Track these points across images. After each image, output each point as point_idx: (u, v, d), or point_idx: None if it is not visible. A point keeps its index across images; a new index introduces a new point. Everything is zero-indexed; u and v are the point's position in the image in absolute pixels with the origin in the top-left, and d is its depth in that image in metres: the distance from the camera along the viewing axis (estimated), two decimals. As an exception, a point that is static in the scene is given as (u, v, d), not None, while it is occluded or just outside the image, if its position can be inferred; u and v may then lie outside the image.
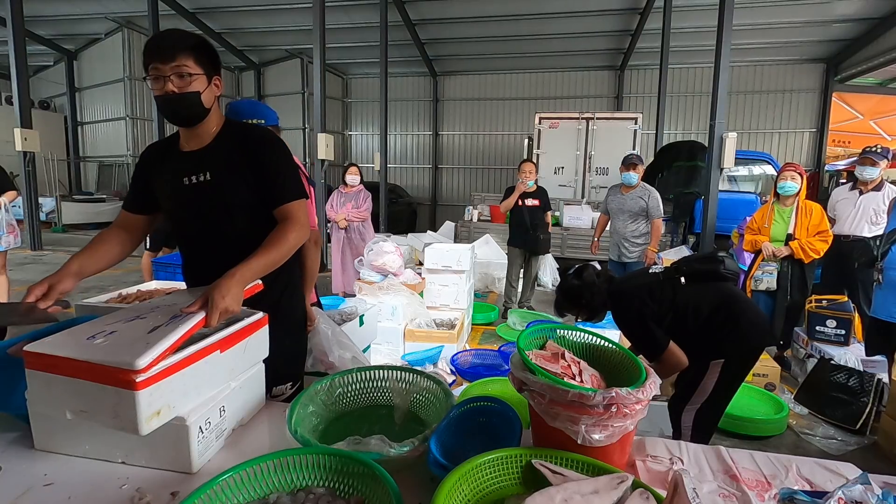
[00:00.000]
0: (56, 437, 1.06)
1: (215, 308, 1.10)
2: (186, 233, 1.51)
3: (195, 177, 1.40)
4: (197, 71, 1.32)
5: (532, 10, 10.51)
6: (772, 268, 3.74)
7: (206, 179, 1.39)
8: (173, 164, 1.43)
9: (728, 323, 1.97)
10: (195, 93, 1.33)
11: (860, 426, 2.88)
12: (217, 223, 1.43)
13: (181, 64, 1.30)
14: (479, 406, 1.19)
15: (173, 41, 1.31)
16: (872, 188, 3.97)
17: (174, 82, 1.30)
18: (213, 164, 1.40)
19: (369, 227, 5.62)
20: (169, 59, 1.29)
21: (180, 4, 11.13)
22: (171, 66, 1.29)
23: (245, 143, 1.42)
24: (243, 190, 1.41)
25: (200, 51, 1.34)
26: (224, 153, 1.41)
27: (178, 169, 1.41)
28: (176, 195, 1.42)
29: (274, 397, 1.55)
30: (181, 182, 1.40)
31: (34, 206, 8.88)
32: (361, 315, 2.55)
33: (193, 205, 1.42)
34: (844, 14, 9.92)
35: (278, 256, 1.32)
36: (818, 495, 0.83)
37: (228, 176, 1.40)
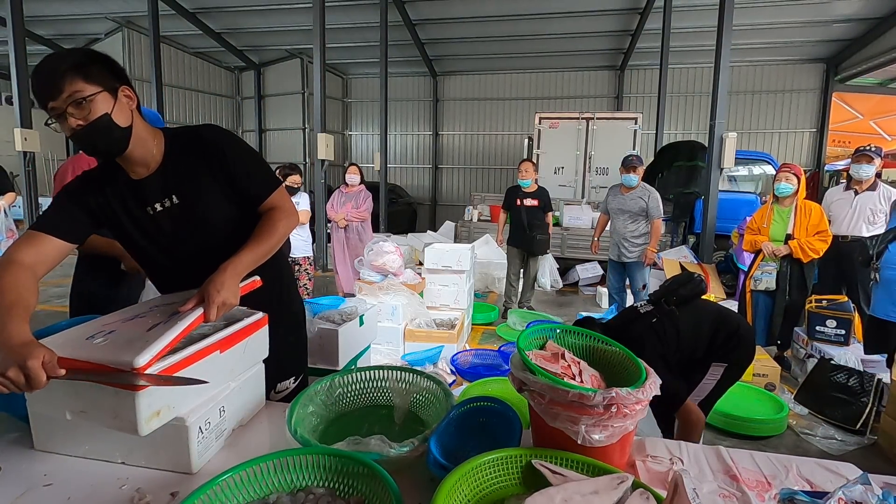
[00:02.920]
0: (56, 437, 1.06)
1: (212, 302, 1.08)
2: (161, 261, 1.37)
3: (159, 204, 1.28)
4: (93, 90, 1.13)
5: (532, 10, 10.50)
6: (771, 268, 3.75)
7: (174, 203, 1.28)
8: (126, 194, 1.28)
9: (731, 337, 2.06)
10: (103, 115, 1.14)
11: (860, 426, 2.88)
12: (199, 242, 1.34)
13: (72, 91, 1.10)
14: (479, 406, 1.19)
15: (51, 70, 1.10)
16: (867, 188, 3.98)
17: (75, 114, 1.12)
18: (176, 186, 1.28)
19: (368, 227, 5.61)
20: (57, 92, 1.10)
21: (180, 4, 11.13)
22: (63, 99, 1.10)
23: (202, 153, 1.30)
24: (217, 200, 1.32)
25: (88, 66, 1.13)
26: (183, 169, 1.29)
27: (136, 199, 1.28)
28: (142, 227, 1.29)
29: (278, 392, 1.55)
30: (145, 212, 1.28)
31: (34, 206, 8.87)
32: (361, 315, 2.54)
33: (167, 232, 1.31)
34: (844, 14, 9.91)
35: (269, 247, 1.28)
36: (818, 495, 0.83)
37: (197, 191, 1.30)
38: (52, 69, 1.11)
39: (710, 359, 2.06)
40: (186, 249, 1.34)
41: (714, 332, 2.07)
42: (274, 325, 1.33)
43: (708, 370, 2.06)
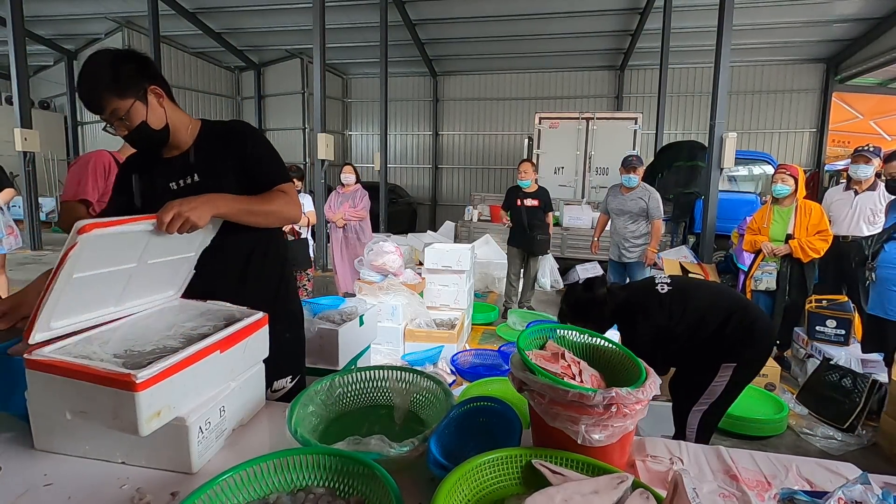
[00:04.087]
0: (56, 437, 1.06)
1: (170, 208, 1.11)
2: None
3: (182, 181, 1.40)
4: (126, 104, 1.27)
5: (532, 10, 10.51)
6: (771, 267, 3.76)
7: (193, 182, 1.39)
8: (157, 170, 1.42)
9: (743, 328, 1.99)
10: (140, 124, 1.31)
11: (848, 425, 2.89)
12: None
13: (112, 109, 1.27)
14: (479, 406, 1.19)
15: (90, 89, 1.26)
16: (867, 188, 3.98)
17: (119, 126, 1.30)
18: (199, 165, 1.40)
19: (367, 226, 5.61)
20: (100, 110, 1.27)
21: (180, 4, 11.13)
22: (107, 115, 1.28)
23: (227, 139, 1.43)
24: (233, 188, 1.38)
25: (119, 81, 1.26)
26: (209, 153, 1.42)
27: (164, 175, 1.41)
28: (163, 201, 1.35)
29: (275, 391, 1.56)
30: (168, 187, 1.40)
31: (34, 206, 8.88)
32: (361, 315, 2.54)
33: None
34: (844, 14, 9.92)
35: (258, 208, 1.34)
36: (818, 495, 0.83)
37: (217, 175, 1.40)
38: (91, 88, 1.25)
39: (720, 357, 2.00)
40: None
41: (728, 317, 1.99)
42: (270, 322, 1.34)
43: (718, 371, 2.00)
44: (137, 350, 1.06)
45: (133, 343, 1.09)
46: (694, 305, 2.02)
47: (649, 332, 2.01)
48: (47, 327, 1.01)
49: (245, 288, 1.48)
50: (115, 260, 1.08)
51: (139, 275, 1.17)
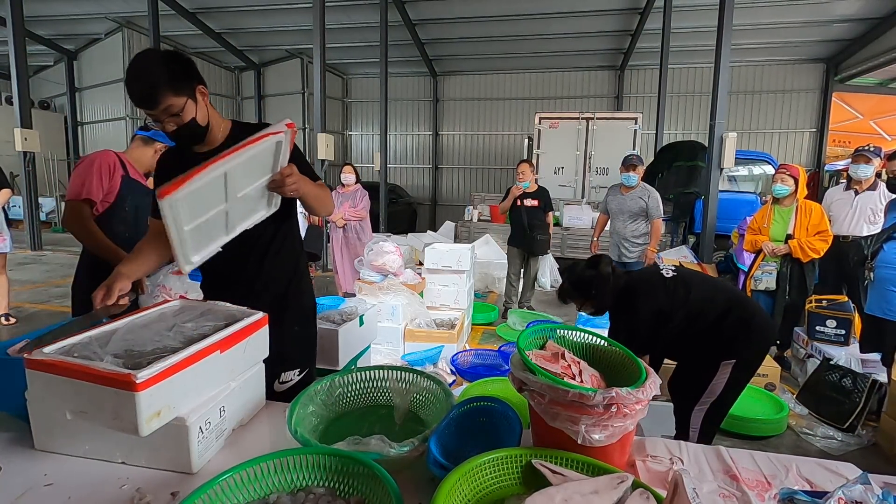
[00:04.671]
0: (56, 437, 1.06)
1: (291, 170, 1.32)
2: None
3: None
4: (181, 101, 1.33)
5: (532, 10, 10.51)
6: (771, 267, 3.76)
7: None
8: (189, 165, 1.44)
9: (740, 323, 1.99)
10: (191, 121, 1.37)
11: (848, 425, 2.89)
12: None
13: (166, 105, 1.31)
14: (479, 406, 1.19)
15: (148, 86, 1.29)
16: (868, 187, 3.98)
17: (169, 121, 1.34)
18: None
19: (367, 226, 5.61)
20: (154, 104, 1.30)
21: (180, 4, 11.13)
22: (159, 111, 1.32)
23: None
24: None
25: (175, 78, 1.32)
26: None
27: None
28: None
29: (282, 383, 1.58)
30: None
31: (34, 206, 8.88)
32: (361, 315, 2.54)
33: None
34: (844, 14, 9.92)
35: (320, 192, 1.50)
36: (818, 495, 0.83)
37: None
38: (149, 85, 1.29)
39: (719, 354, 2.00)
40: None
41: (727, 310, 1.99)
42: (280, 314, 1.46)
43: (717, 369, 2.00)
44: (137, 350, 1.06)
45: (133, 343, 1.09)
46: (696, 294, 2.02)
47: (649, 314, 2.00)
48: (189, 261, 1.28)
49: (260, 276, 1.55)
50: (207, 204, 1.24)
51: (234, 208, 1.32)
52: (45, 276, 6.91)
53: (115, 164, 2.07)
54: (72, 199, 2.01)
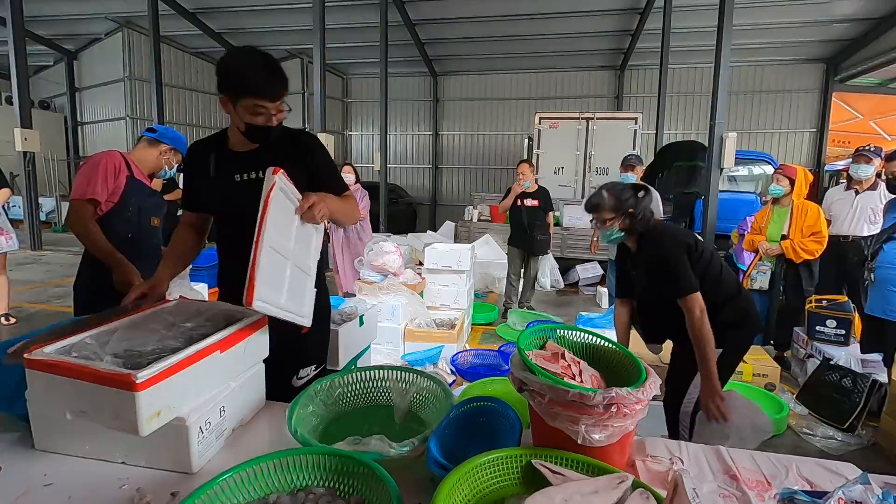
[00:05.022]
0: (56, 437, 1.06)
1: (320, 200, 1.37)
2: (232, 227, 1.56)
3: (247, 174, 1.50)
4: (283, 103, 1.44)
5: (532, 10, 10.51)
6: (766, 267, 3.79)
7: (257, 177, 1.48)
8: (225, 163, 1.51)
9: (738, 312, 2.00)
10: (280, 123, 1.47)
11: (848, 425, 2.89)
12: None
13: (282, 101, 1.42)
14: (479, 406, 1.19)
15: (281, 80, 1.41)
16: (868, 187, 3.99)
17: (275, 116, 1.42)
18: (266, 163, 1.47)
19: (367, 226, 5.61)
20: (277, 98, 1.40)
21: (180, 4, 11.13)
22: (276, 105, 1.41)
23: (297, 147, 1.56)
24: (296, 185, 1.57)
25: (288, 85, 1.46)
26: (275, 155, 1.49)
27: (231, 167, 1.51)
28: (227, 192, 1.50)
29: (300, 378, 1.64)
30: (232, 179, 1.50)
31: (34, 206, 8.88)
32: (361, 315, 2.54)
33: (244, 201, 1.46)
34: (844, 14, 9.92)
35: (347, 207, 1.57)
36: (818, 495, 0.83)
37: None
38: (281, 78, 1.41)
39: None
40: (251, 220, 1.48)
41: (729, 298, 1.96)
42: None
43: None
44: (137, 350, 1.06)
45: (133, 343, 1.09)
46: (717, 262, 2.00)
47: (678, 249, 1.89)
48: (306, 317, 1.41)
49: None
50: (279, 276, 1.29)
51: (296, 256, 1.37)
52: (45, 276, 6.91)
53: (120, 164, 2.08)
54: (76, 199, 2.02)
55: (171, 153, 2.31)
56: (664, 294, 1.91)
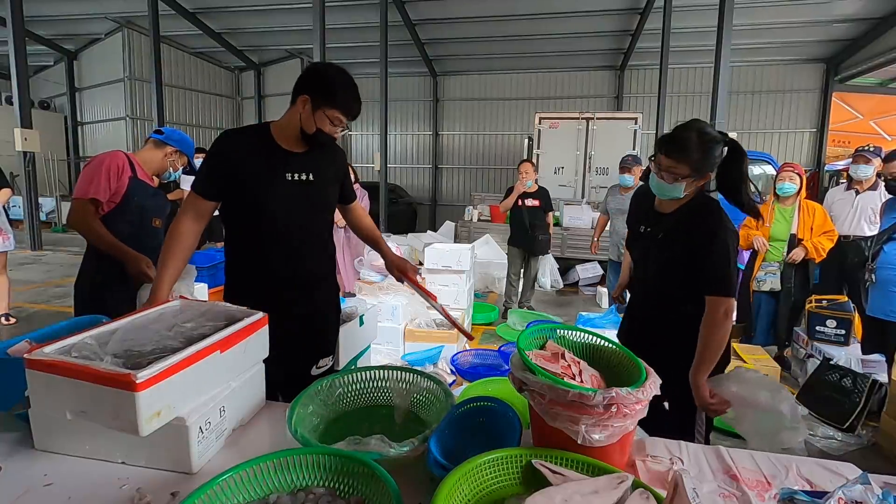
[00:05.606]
0: (56, 437, 1.06)
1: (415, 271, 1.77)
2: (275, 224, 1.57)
3: (298, 175, 1.56)
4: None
5: (532, 10, 10.51)
6: (774, 268, 3.75)
7: (307, 179, 1.57)
8: (274, 160, 1.55)
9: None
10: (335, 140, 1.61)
11: (848, 425, 2.89)
12: (309, 217, 1.62)
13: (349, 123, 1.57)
14: (479, 406, 1.19)
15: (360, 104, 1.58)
16: (868, 187, 3.98)
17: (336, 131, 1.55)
18: (315, 167, 1.60)
19: None
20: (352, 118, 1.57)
21: (180, 4, 11.14)
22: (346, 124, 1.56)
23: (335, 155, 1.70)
24: (334, 193, 1.70)
25: None
26: (321, 159, 1.62)
27: (283, 165, 1.55)
28: (274, 188, 1.54)
29: (319, 367, 1.72)
30: (283, 177, 1.54)
31: (34, 206, 8.88)
32: (361, 315, 2.54)
33: (293, 199, 1.56)
34: (844, 14, 9.92)
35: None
36: (818, 495, 0.83)
37: (324, 180, 1.63)
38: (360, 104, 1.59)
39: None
40: (297, 219, 1.59)
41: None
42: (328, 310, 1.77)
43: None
44: (137, 350, 1.06)
45: (133, 343, 1.09)
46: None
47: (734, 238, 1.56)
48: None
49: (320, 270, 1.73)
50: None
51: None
52: (45, 276, 6.91)
53: (123, 165, 2.10)
54: (78, 198, 2.04)
55: (176, 155, 2.31)
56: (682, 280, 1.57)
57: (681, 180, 1.51)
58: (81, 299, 2.14)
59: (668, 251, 1.60)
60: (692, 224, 1.55)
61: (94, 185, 2.02)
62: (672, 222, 1.61)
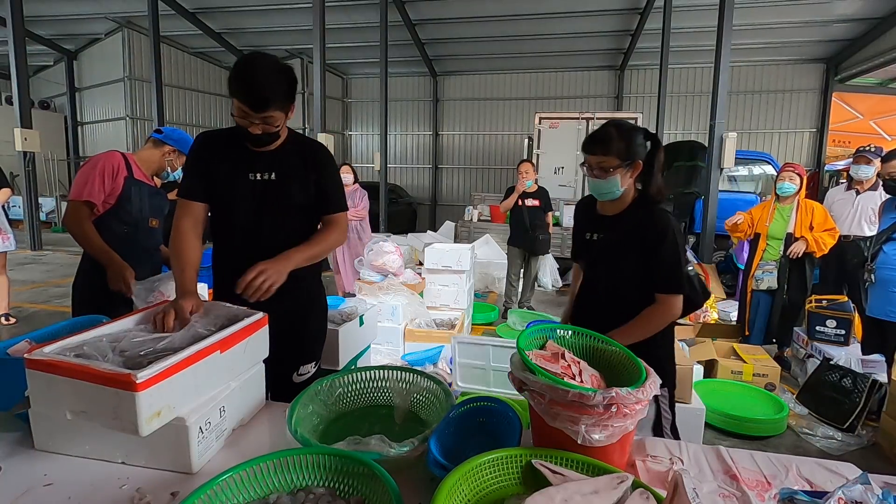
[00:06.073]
0: (56, 437, 1.06)
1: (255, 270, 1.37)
2: (237, 224, 1.58)
3: (261, 175, 1.54)
4: (281, 115, 1.44)
5: (532, 10, 10.51)
6: (771, 266, 3.76)
7: (270, 179, 1.54)
8: (239, 158, 1.53)
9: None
10: (275, 132, 1.48)
11: (848, 425, 2.89)
12: (271, 217, 1.57)
13: (270, 115, 1.40)
14: (479, 406, 1.19)
15: (268, 93, 1.38)
16: (869, 188, 3.98)
17: (257, 126, 1.42)
18: (277, 165, 1.55)
19: (367, 226, 5.61)
20: (259, 110, 1.38)
21: (180, 4, 11.13)
22: (259, 116, 1.39)
23: (308, 156, 1.59)
24: (299, 194, 1.58)
25: (287, 97, 1.43)
26: (290, 161, 1.56)
27: (245, 164, 1.53)
28: (239, 187, 1.53)
29: (300, 374, 1.67)
30: (246, 177, 1.53)
31: (34, 206, 8.88)
32: (361, 315, 2.54)
33: (254, 199, 1.54)
34: (844, 14, 9.92)
35: (319, 251, 1.58)
36: (818, 495, 0.83)
37: (290, 182, 1.55)
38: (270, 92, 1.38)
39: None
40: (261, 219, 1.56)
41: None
42: (305, 313, 1.64)
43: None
44: (137, 350, 1.06)
45: (133, 343, 1.09)
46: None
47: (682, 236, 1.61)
48: None
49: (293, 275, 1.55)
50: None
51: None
52: (45, 276, 6.91)
53: (119, 165, 2.09)
54: (73, 200, 2.04)
55: (174, 155, 2.31)
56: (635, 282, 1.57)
57: (612, 172, 1.52)
58: (79, 300, 2.14)
59: (619, 254, 1.60)
60: (641, 225, 1.56)
61: (88, 186, 2.02)
62: (620, 225, 1.61)
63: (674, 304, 1.54)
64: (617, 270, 1.62)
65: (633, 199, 1.61)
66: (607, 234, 1.64)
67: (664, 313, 1.54)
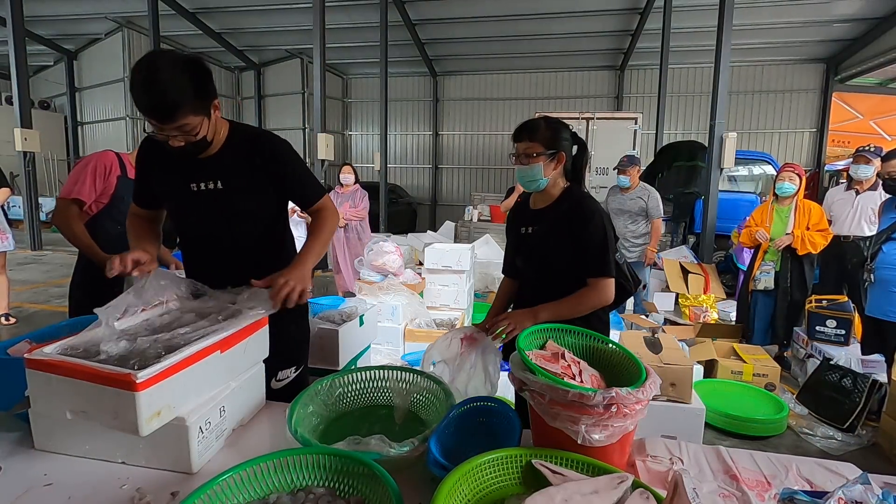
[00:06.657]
0: (56, 437, 1.06)
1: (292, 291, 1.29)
2: (189, 235, 1.54)
3: (204, 184, 1.39)
4: (198, 120, 1.24)
5: (532, 10, 10.51)
6: (769, 267, 3.76)
7: (215, 188, 1.40)
8: (180, 167, 1.40)
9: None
10: (201, 139, 1.29)
11: (848, 425, 2.89)
12: (222, 229, 1.47)
13: (182, 124, 1.21)
14: (479, 406, 1.19)
15: (170, 103, 1.17)
16: (868, 187, 3.99)
17: (179, 137, 1.24)
18: (222, 172, 1.40)
19: (367, 226, 5.62)
20: (170, 121, 1.19)
21: (180, 4, 11.13)
22: (171, 126, 1.20)
23: (257, 154, 1.42)
24: (250, 201, 1.44)
25: (198, 96, 1.22)
26: (233, 161, 1.41)
27: (186, 174, 1.40)
28: (182, 199, 1.43)
29: (279, 381, 1.60)
30: (188, 188, 1.40)
31: (34, 206, 8.88)
32: (361, 315, 2.54)
33: (200, 210, 1.44)
34: (844, 14, 9.92)
35: (324, 242, 1.48)
36: (818, 495, 0.83)
37: (237, 185, 1.41)
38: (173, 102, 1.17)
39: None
40: (209, 230, 1.47)
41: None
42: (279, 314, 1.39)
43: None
44: (138, 350, 1.06)
45: (133, 343, 1.08)
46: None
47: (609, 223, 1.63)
48: None
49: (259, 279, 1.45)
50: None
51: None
52: (44, 276, 6.91)
53: (111, 164, 2.09)
54: (62, 198, 2.05)
55: None
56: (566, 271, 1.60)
57: (536, 158, 1.56)
58: (76, 300, 2.14)
59: (549, 245, 1.64)
60: (568, 213, 1.60)
61: (78, 185, 2.02)
62: (549, 216, 1.65)
63: (604, 287, 1.56)
64: (548, 263, 1.65)
65: (561, 192, 1.65)
66: (539, 226, 1.67)
67: (595, 296, 1.56)
